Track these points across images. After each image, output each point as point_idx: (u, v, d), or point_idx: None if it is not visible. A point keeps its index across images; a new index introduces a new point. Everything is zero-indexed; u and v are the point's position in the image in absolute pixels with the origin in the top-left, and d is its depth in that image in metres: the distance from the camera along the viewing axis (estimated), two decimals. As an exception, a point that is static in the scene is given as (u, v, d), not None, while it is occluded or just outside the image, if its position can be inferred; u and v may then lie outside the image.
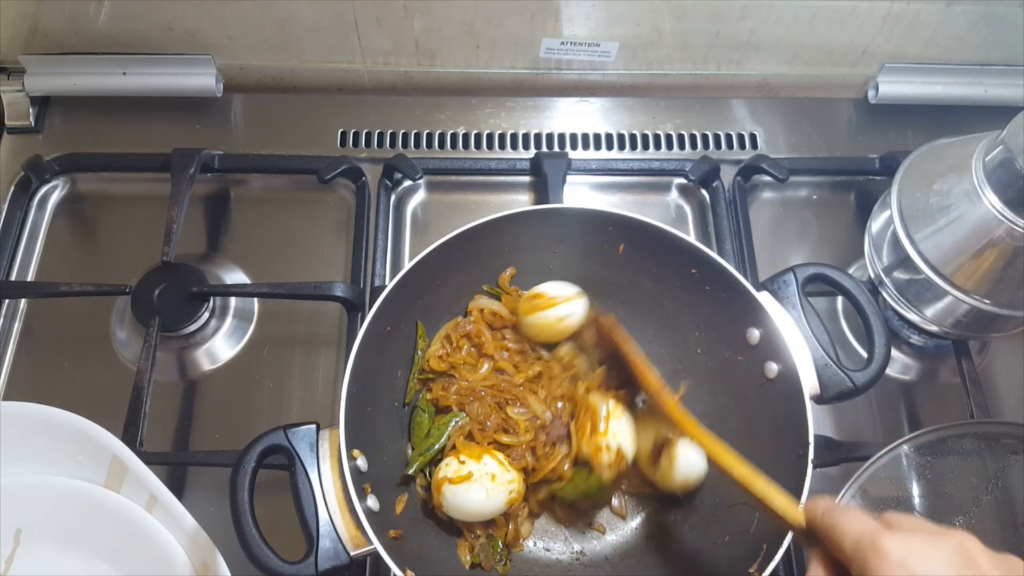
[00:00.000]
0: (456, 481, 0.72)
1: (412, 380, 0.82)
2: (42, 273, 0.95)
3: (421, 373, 0.82)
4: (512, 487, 0.74)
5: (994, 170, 0.74)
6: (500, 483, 0.73)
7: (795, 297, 0.76)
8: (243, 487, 0.64)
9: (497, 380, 0.82)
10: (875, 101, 1.06)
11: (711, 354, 0.83)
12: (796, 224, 1.01)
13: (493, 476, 0.73)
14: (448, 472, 0.74)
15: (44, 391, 0.86)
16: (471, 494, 0.72)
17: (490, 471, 0.73)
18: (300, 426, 0.68)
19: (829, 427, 0.87)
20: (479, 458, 0.74)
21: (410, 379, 0.82)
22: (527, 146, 1.04)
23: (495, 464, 0.74)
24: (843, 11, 0.98)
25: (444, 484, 0.73)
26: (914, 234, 0.81)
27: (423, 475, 0.78)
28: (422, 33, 1.02)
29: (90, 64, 1.02)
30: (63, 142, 1.02)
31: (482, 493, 0.72)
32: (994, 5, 0.97)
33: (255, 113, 1.05)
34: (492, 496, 0.73)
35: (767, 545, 0.67)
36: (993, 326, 0.83)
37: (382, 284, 0.87)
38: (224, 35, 1.01)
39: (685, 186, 1.02)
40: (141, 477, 0.71)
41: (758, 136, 1.06)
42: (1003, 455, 0.77)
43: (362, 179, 0.98)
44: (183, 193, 0.92)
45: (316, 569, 0.63)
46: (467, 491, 0.72)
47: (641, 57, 1.06)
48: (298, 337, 0.91)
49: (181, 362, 0.90)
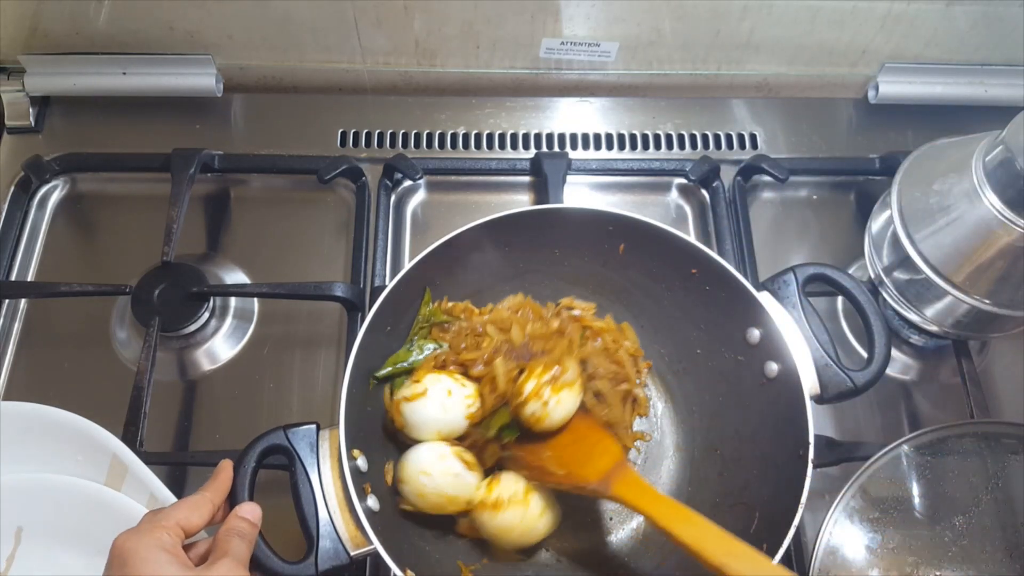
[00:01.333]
0: (412, 399, 0.73)
1: (414, 329, 0.81)
2: (42, 273, 0.95)
3: (425, 322, 0.81)
4: (469, 402, 0.74)
5: (994, 170, 0.74)
6: (456, 398, 0.74)
7: (795, 297, 0.76)
8: (243, 487, 0.64)
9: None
10: (875, 101, 1.06)
11: (711, 354, 0.83)
12: (796, 224, 1.01)
13: (449, 391, 0.74)
14: (404, 392, 0.75)
15: (44, 391, 0.86)
16: (427, 409, 0.73)
17: (446, 387, 0.74)
18: (300, 426, 0.68)
19: (829, 427, 0.87)
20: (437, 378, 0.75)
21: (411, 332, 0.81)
22: (527, 146, 1.04)
23: (450, 380, 0.75)
24: (843, 11, 0.98)
25: (401, 403, 0.74)
26: (914, 234, 0.81)
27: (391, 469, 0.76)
28: (422, 33, 1.02)
29: (90, 64, 1.02)
30: (63, 142, 1.02)
31: (437, 408, 0.73)
32: (994, 5, 0.97)
33: (255, 113, 1.05)
34: (449, 411, 0.73)
35: (767, 545, 0.67)
36: (993, 326, 0.83)
37: (382, 284, 0.87)
38: (224, 35, 1.01)
39: (685, 186, 1.02)
40: (141, 477, 0.71)
41: (758, 136, 1.06)
42: (1003, 455, 0.77)
43: (362, 179, 0.98)
44: (183, 193, 0.92)
45: (316, 569, 0.63)
46: (424, 406, 0.73)
47: (641, 57, 1.06)
48: (298, 337, 0.91)
49: (181, 362, 0.90)
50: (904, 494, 0.76)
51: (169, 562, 0.55)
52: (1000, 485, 0.77)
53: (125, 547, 0.55)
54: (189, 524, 0.59)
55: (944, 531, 0.75)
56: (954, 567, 0.74)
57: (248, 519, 0.61)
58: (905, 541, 0.75)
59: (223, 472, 0.64)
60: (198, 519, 0.59)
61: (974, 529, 0.75)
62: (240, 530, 0.60)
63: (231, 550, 0.58)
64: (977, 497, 0.76)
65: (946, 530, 0.75)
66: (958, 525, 0.75)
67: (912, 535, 0.75)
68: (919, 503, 0.76)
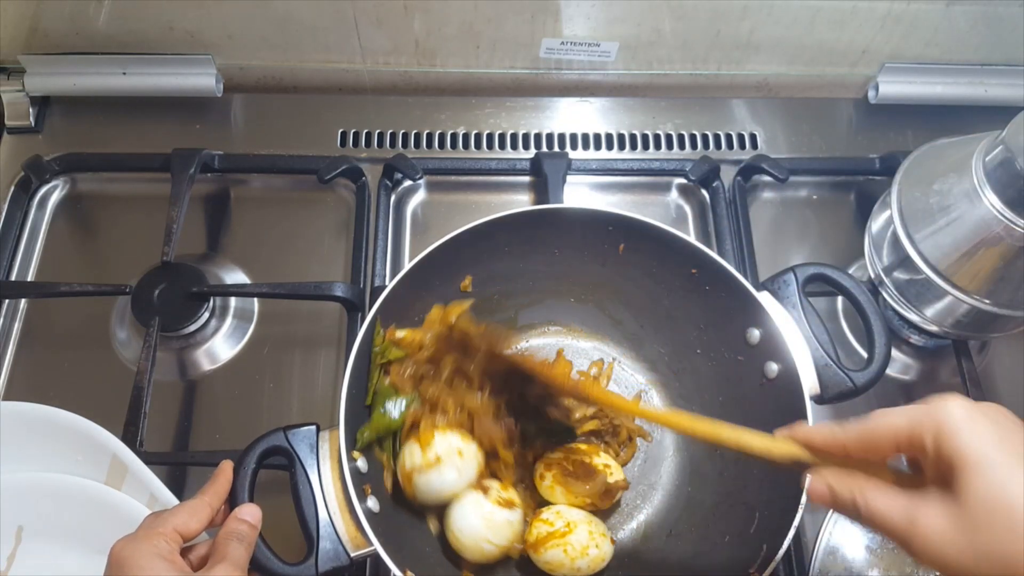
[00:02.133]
0: (426, 469, 0.70)
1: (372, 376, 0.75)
2: (42, 273, 0.95)
3: (381, 358, 0.75)
4: (478, 456, 0.72)
5: (994, 170, 0.74)
6: (468, 455, 0.71)
7: (795, 297, 0.76)
8: (243, 488, 0.64)
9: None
10: (875, 101, 1.06)
11: (711, 354, 0.83)
12: (796, 224, 1.01)
13: (460, 451, 0.71)
14: (415, 461, 0.70)
15: (44, 391, 0.86)
16: (445, 476, 0.70)
17: (455, 447, 0.71)
18: (300, 427, 0.68)
19: (829, 427, 0.87)
20: (443, 438, 0.71)
21: (370, 377, 0.75)
22: (527, 146, 1.04)
23: (456, 438, 0.71)
24: (843, 11, 0.98)
25: (414, 475, 0.70)
26: (914, 234, 0.81)
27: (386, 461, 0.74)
28: (422, 33, 1.02)
29: (90, 64, 1.01)
30: (63, 142, 1.02)
31: (454, 473, 0.70)
32: (994, 5, 0.97)
33: (255, 113, 1.05)
34: (464, 472, 0.71)
35: (767, 545, 0.67)
36: (993, 326, 0.83)
37: (382, 284, 0.87)
38: (224, 35, 1.01)
39: (685, 186, 1.02)
40: (141, 477, 0.71)
41: (758, 136, 1.06)
42: (1003, 455, 0.77)
43: (362, 179, 0.98)
44: (183, 193, 0.92)
45: (316, 570, 0.63)
46: (441, 475, 0.70)
47: (641, 57, 1.06)
48: (298, 337, 0.91)
49: (181, 362, 0.90)
50: (904, 494, 0.76)
51: (166, 568, 0.55)
52: (1000, 485, 0.76)
53: (122, 554, 0.56)
54: (187, 529, 0.59)
55: (944, 531, 0.75)
56: (954, 567, 0.74)
57: (248, 521, 0.61)
58: (905, 541, 0.75)
59: (223, 474, 0.64)
60: (196, 524, 0.60)
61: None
62: (239, 533, 0.60)
63: (229, 554, 0.58)
64: (977, 497, 0.76)
65: (946, 530, 0.75)
66: (958, 525, 0.75)
67: (912, 535, 0.75)
68: (919, 503, 0.76)
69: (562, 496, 0.76)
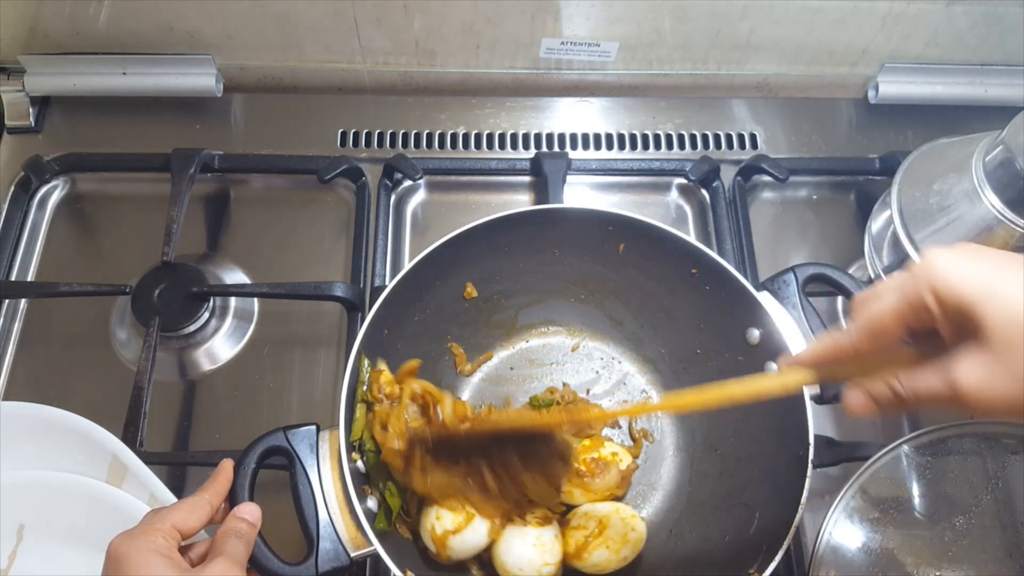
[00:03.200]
0: (457, 531, 0.70)
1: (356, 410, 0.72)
2: (42, 273, 0.95)
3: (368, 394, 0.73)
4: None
5: (994, 170, 0.74)
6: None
7: (795, 297, 0.76)
8: (243, 488, 0.64)
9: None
10: (875, 101, 1.06)
11: (711, 354, 0.83)
12: (796, 224, 1.00)
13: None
14: (447, 524, 0.70)
15: (44, 391, 0.86)
16: (477, 533, 0.71)
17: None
18: (300, 427, 0.68)
19: (829, 427, 0.87)
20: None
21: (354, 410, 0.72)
22: (527, 146, 1.04)
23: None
24: (843, 11, 0.98)
25: (448, 537, 0.70)
26: (914, 234, 0.81)
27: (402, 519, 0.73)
28: (422, 33, 1.02)
29: (90, 64, 1.01)
30: (63, 142, 1.02)
31: (483, 528, 0.71)
32: (994, 5, 0.97)
33: (255, 113, 1.05)
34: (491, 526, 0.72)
35: (767, 545, 0.67)
36: (993, 326, 0.83)
37: (382, 284, 0.87)
38: (224, 35, 1.01)
39: (685, 186, 1.02)
40: (141, 477, 0.71)
41: (758, 136, 1.06)
42: (1003, 455, 0.77)
43: (362, 179, 0.98)
44: (183, 193, 0.92)
45: (316, 570, 0.63)
46: (474, 532, 0.70)
47: (641, 57, 1.06)
48: (298, 337, 0.91)
49: (181, 362, 0.90)
50: (904, 494, 0.76)
51: (164, 565, 0.55)
52: (1000, 485, 0.77)
53: (120, 550, 0.56)
54: (186, 526, 0.59)
55: (944, 531, 0.75)
56: (954, 567, 0.74)
57: (247, 519, 0.61)
58: (905, 541, 0.75)
59: (223, 472, 0.64)
60: (195, 521, 0.60)
61: (974, 529, 0.75)
62: (238, 530, 0.60)
63: (227, 550, 0.58)
64: (977, 497, 0.76)
65: (946, 530, 0.75)
66: (958, 525, 0.75)
67: (912, 535, 0.75)
68: (919, 503, 0.76)
69: (582, 496, 0.76)
